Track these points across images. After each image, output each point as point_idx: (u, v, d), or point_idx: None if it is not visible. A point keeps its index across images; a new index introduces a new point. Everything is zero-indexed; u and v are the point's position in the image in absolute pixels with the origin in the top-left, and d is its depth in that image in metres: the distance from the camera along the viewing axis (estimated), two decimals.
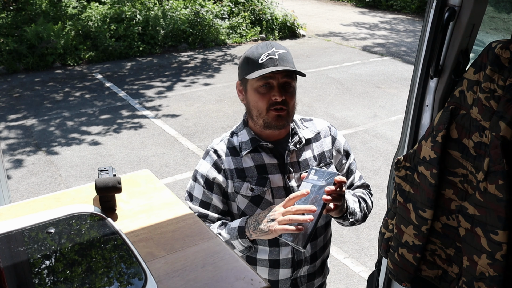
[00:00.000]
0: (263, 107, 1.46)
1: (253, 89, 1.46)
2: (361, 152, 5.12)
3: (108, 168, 1.14)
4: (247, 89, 1.50)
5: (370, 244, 3.59)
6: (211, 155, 1.55)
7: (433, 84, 1.48)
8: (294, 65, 1.48)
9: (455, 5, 1.36)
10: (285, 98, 1.45)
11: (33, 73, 7.87)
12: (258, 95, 1.46)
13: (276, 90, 1.43)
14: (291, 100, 1.47)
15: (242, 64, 1.51)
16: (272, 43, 1.48)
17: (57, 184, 4.54)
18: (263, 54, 1.44)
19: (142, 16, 9.02)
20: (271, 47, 1.46)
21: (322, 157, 1.58)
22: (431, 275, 1.44)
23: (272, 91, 1.44)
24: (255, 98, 1.47)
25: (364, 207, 1.61)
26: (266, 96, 1.45)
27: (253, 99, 1.48)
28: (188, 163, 4.92)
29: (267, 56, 1.44)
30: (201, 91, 7.07)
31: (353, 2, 14.88)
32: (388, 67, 8.24)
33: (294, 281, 1.61)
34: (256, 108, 1.48)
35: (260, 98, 1.46)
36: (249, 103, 1.51)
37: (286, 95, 1.45)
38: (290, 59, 1.47)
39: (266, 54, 1.44)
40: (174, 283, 0.87)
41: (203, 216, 1.53)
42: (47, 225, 1.02)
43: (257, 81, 1.44)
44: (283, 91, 1.44)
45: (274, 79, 1.43)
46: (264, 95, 1.45)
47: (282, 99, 1.43)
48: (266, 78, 1.43)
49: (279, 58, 1.44)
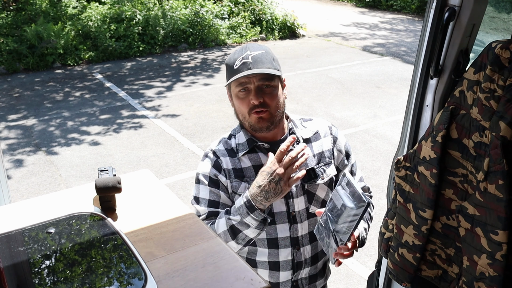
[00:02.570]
0: (245, 111, 1.49)
1: (235, 94, 1.50)
2: (361, 152, 5.12)
3: (108, 168, 1.14)
4: (232, 95, 1.53)
5: (370, 244, 3.59)
6: (210, 156, 1.55)
7: (433, 84, 1.48)
8: (272, 65, 1.48)
9: (455, 5, 1.35)
10: (264, 100, 1.46)
11: (33, 73, 7.87)
12: (238, 100, 1.49)
13: (253, 94, 1.45)
14: (271, 101, 1.47)
15: (226, 70, 1.54)
16: (248, 46, 1.50)
17: (57, 184, 4.54)
18: (237, 59, 1.46)
19: (142, 16, 9.02)
20: (246, 51, 1.47)
21: (322, 156, 1.58)
22: (431, 275, 1.44)
23: (250, 95, 1.46)
24: (237, 103, 1.50)
25: (369, 221, 1.64)
26: (245, 100, 1.47)
27: (236, 104, 1.52)
28: (188, 163, 4.92)
29: (240, 61, 1.45)
30: (201, 91, 7.07)
31: (353, 2, 14.88)
32: (388, 67, 8.24)
33: (295, 283, 1.60)
34: (240, 113, 1.52)
35: (241, 103, 1.49)
36: (235, 108, 1.55)
37: (264, 96, 1.46)
38: (267, 59, 1.47)
39: (240, 59, 1.46)
40: (174, 283, 0.87)
41: (214, 215, 1.50)
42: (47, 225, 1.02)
43: (236, 87, 1.47)
44: (261, 93, 1.45)
45: (250, 83, 1.45)
46: (244, 100, 1.48)
47: (259, 102, 1.45)
48: (243, 83, 1.45)
49: (252, 61, 1.44)
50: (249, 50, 1.47)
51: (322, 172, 1.56)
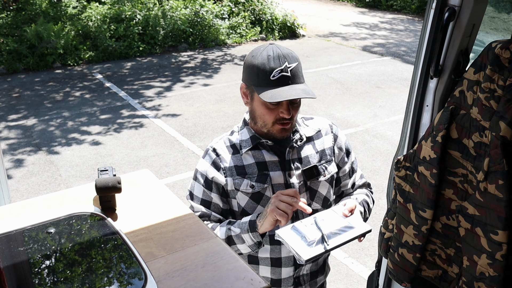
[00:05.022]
0: (270, 121, 1.46)
1: (262, 102, 1.44)
2: (361, 152, 5.12)
3: (108, 168, 1.14)
4: (253, 97, 1.47)
5: (370, 244, 3.59)
6: (210, 154, 1.56)
7: (433, 84, 1.48)
8: (303, 78, 1.46)
9: (455, 5, 1.35)
10: (292, 113, 1.45)
11: (33, 73, 7.87)
12: (266, 109, 1.44)
13: (285, 108, 1.43)
14: (296, 113, 1.48)
15: (251, 70, 1.44)
16: (285, 55, 1.41)
17: (57, 184, 4.54)
18: (275, 70, 1.39)
19: (142, 16, 9.02)
20: (284, 62, 1.40)
21: (323, 154, 1.59)
22: (431, 275, 1.44)
23: (281, 108, 1.43)
24: (262, 111, 1.45)
25: (367, 212, 1.64)
26: (274, 112, 1.44)
27: (260, 111, 1.46)
28: (188, 163, 4.92)
29: (279, 73, 1.39)
30: (201, 91, 7.07)
31: (353, 2, 14.88)
32: (388, 67, 8.24)
33: (297, 280, 1.61)
34: (262, 120, 1.48)
35: (268, 113, 1.45)
36: (254, 111, 1.50)
37: (293, 109, 1.45)
38: (300, 72, 1.45)
39: (278, 71, 1.39)
40: (174, 283, 0.87)
41: (206, 216, 1.54)
42: (47, 225, 1.02)
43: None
44: (291, 107, 1.44)
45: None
46: (272, 111, 1.44)
47: (290, 116, 1.44)
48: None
49: (291, 76, 1.40)
50: (287, 62, 1.40)
51: (324, 170, 1.57)
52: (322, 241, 1.31)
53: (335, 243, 1.31)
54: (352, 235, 1.34)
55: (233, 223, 1.49)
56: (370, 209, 1.67)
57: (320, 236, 1.31)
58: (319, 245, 1.30)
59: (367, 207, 1.65)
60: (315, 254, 1.27)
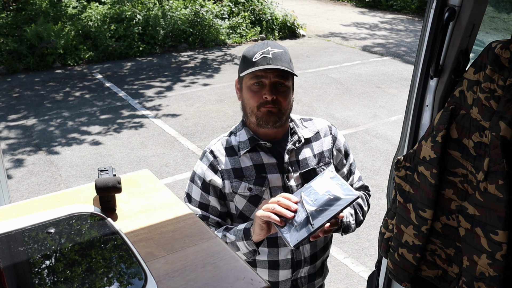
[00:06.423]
0: (254, 105, 1.47)
1: (247, 87, 1.48)
2: (361, 152, 5.12)
3: (108, 168, 1.14)
4: (242, 87, 1.52)
5: (370, 244, 3.59)
6: (207, 156, 1.55)
7: (433, 84, 1.48)
8: (289, 65, 1.48)
9: (455, 5, 1.36)
10: (277, 97, 1.45)
11: (33, 73, 7.87)
12: (250, 92, 1.47)
13: (267, 89, 1.44)
14: (284, 99, 1.47)
15: (240, 62, 1.53)
16: (269, 42, 1.49)
17: (57, 184, 4.54)
18: (257, 53, 1.45)
19: (142, 16, 9.02)
20: (267, 46, 1.47)
21: (322, 156, 1.58)
22: (431, 275, 1.44)
23: (264, 90, 1.45)
24: (248, 95, 1.49)
25: (360, 215, 1.62)
26: (258, 94, 1.46)
27: (246, 97, 1.50)
28: (188, 163, 4.92)
29: (261, 55, 1.44)
30: (201, 91, 7.07)
31: (353, 2, 14.88)
32: (388, 67, 8.24)
33: (295, 282, 1.61)
34: (248, 106, 1.50)
35: (252, 96, 1.47)
36: (243, 101, 1.53)
37: (278, 94, 1.45)
38: (285, 59, 1.47)
39: (260, 53, 1.45)
40: (174, 283, 0.87)
41: (204, 219, 1.53)
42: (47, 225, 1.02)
43: (250, 79, 1.46)
44: (275, 90, 1.45)
45: (266, 78, 1.44)
46: (256, 93, 1.46)
47: (272, 98, 1.44)
48: (258, 76, 1.44)
49: (272, 57, 1.44)
50: (270, 46, 1.47)
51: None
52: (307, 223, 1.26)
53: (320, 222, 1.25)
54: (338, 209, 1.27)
55: (229, 229, 1.48)
56: (364, 211, 1.64)
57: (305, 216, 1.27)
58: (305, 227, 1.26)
59: (360, 209, 1.62)
60: (301, 238, 1.24)
